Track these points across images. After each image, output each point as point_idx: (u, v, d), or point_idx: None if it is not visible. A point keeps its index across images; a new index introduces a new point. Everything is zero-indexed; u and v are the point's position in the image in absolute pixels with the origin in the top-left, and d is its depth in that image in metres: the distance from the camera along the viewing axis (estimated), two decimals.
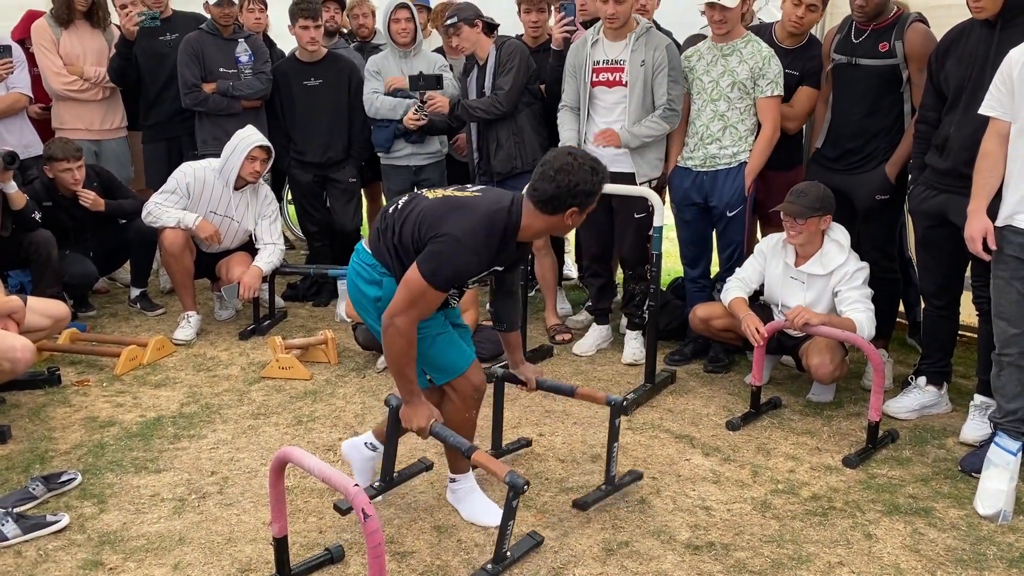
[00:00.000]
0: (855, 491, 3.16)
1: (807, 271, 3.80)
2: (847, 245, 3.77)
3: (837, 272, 3.73)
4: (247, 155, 4.61)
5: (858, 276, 3.73)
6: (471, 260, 2.59)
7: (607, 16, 4.02)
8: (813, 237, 3.75)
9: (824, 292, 3.77)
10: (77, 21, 5.21)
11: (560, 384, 3.28)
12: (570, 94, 4.28)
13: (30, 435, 3.56)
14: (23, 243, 4.58)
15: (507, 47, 4.50)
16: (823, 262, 3.77)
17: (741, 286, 3.95)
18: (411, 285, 2.58)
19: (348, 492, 2.15)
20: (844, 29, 3.93)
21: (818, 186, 3.75)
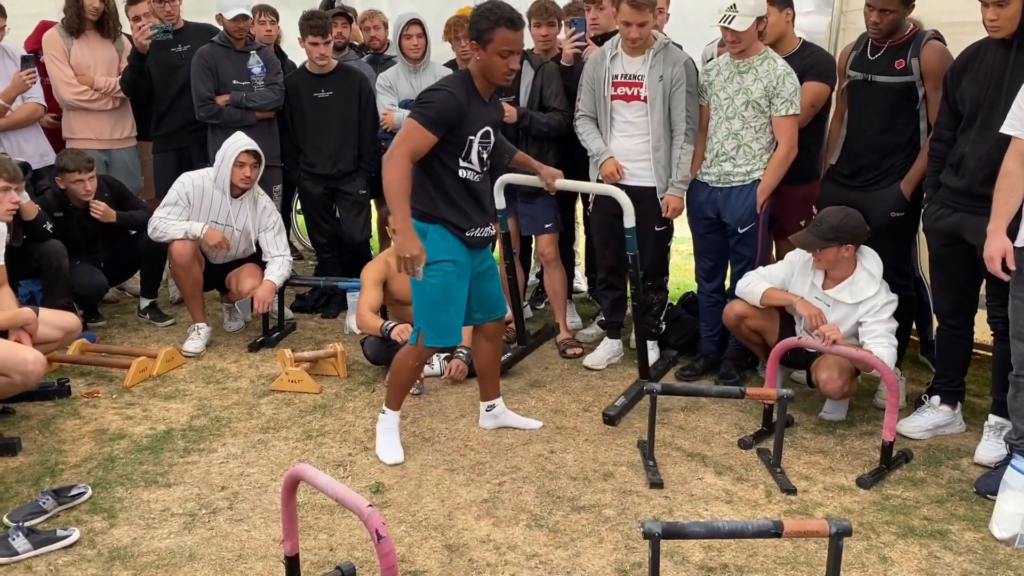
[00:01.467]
0: (869, 512, 3.13)
1: (834, 296, 3.75)
2: (879, 275, 3.71)
3: (866, 303, 3.68)
4: (235, 161, 4.61)
5: (886, 309, 3.67)
6: (448, 97, 3.19)
7: (630, 39, 4.01)
8: (838, 263, 3.71)
9: (848, 319, 3.72)
10: (88, 31, 5.24)
11: (730, 389, 3.54)
12: (587, 103, 4.29)
13: (40, 447, 3.55)
14: (34, 253, 4.58)
15: (547, 70, 4.57)
16: (852, 291, 3.71)
17: (767, 278, 3.93)
18: (406, 126, 3.18)
19: (362, 513, 2.13)
20: (860, 46, 3.92)
21: (838, 213, 3.68)
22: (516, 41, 3.19)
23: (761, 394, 3.51)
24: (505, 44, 3.16)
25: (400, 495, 3.22)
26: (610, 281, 4.56)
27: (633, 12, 3.94)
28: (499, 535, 2.94)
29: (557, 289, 4.86)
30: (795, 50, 4.15)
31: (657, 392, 3.40)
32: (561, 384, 4.33)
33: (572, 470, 3.42)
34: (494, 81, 3.29)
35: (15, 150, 4.77)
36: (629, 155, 4.21)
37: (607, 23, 4.52)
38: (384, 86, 5.07)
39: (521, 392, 4.21)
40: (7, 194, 3.60)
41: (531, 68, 4.58)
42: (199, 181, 4.72)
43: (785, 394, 3.36)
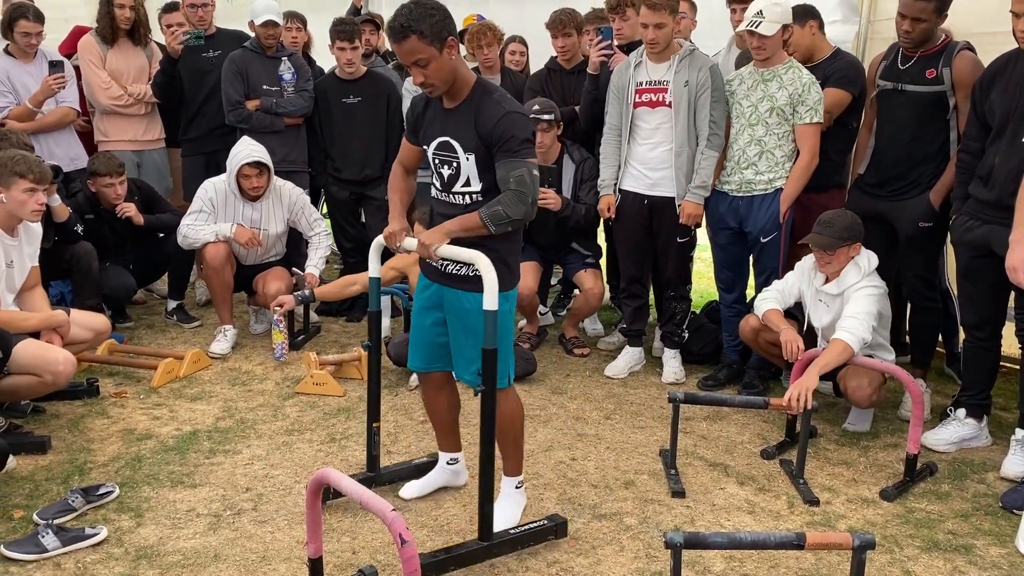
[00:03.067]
0: (893, 525, 3.11)
1: (827, 291, 3.79)
2: (867, 268, 3.72)
3: (847, 291, 3.70)
4: (238, 173, 4.66)
5: (861, 293, 3.65)
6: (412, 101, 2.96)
7: (648, 40, 4.04)
8: (843, 265, 3.72)
9: (839, 313, 3.73)
10: (120, 39, 5.33)
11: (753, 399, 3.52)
12: (614, 116, 4.30)
13: (69, 446, 3.61)
14: (65, 255, 4.66)
15: (589, 165, 4.67)
16: (839, 283, 3.75)
17: (777, 298, 3.92)
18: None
19: (385, 517, 2.16)
20: (890, 56, 3.91)
21: (844, 214, 3.73)
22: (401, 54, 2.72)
23: (785, 405, 3.50)
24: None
25: (422, 500, 3.24)
26: (632, 290, 4.57)
27: (649, 13, 3.96)
28: None
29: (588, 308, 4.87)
30: (826, 57, 4.14)
31: (681, 401, 3.41)
32: (582, 391, 4.34)
33: (593, 478, 3.43)
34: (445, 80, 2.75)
35: (46, 153, 4.85)
36: (651, 164, 4.22)
37: (631, 33, 4.53)
38: (412, 90, 5.12)
39: (542, 399, 4.22)
40: (34, 195, 3.65)
41: (572, 163, 4.72)
42: (221, 186, 4.78)
43: (813, 405, 3.35)
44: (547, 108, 4.60)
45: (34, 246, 3.92)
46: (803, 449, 3.41)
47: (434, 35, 2.63)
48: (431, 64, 2.66)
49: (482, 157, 2.74)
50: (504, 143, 2.67)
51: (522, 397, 4.03)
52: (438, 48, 2.65)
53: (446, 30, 2.66)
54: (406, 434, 3.80)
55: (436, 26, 2.63)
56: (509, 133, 2.67)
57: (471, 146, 2.74)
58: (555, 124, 4.64)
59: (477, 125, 2.71)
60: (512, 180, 2.67)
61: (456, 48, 2.71)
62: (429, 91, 2.77)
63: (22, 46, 5.00)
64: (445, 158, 2.82)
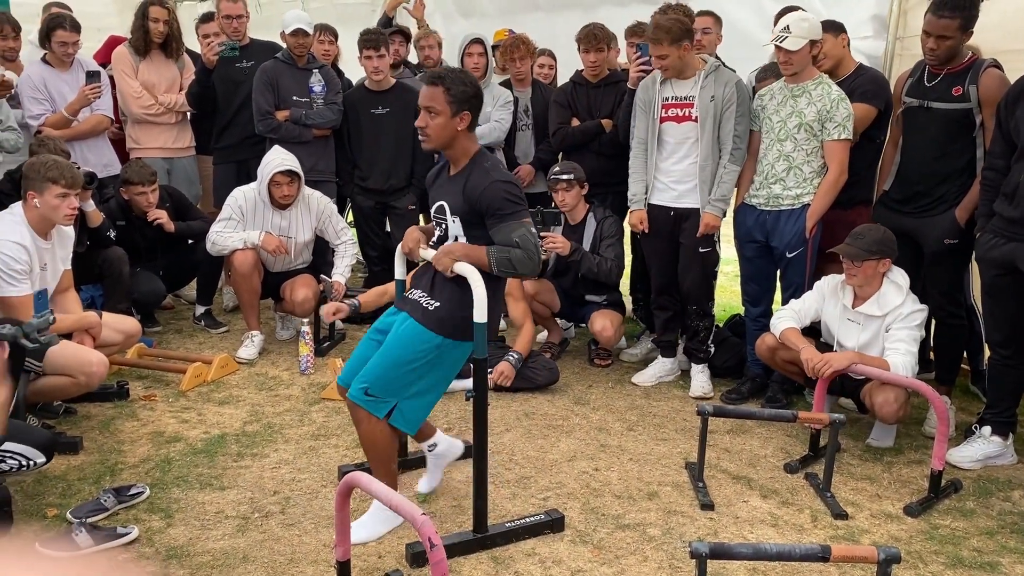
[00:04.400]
0: (917, 541, 3.11)
1: (864, 312, 3.77)
2: (906, 287, 3.73)
3: (892, 313, 3.70)
4: (270, 181, 4.73)
5: (913, 317, 3.67)
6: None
7: (660, 68, 4.12)
8: (871, 280, 3.72)
9: (879, 333, 3.73)
10: (153, 51, 5.45)
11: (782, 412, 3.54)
12: (641, 129, 4.35)
13: (100, 447, 3.67)
14: (97, 259, 4.74)
15: (609, 223, 4.76)
16: (880, 303, 3.73)
17: (794, 317, 3.93)
18: None
19: (415, 520, 2.19)
20: (916, 73, 3.92)
21: (878, 229, 3.73)
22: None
23: (813, 418, 3.51)
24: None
25: (445, 506, 3.27)
26: (661, 302, 4.59)
27: (651, 46, 4.08)
28: (544, 549, 2.98)
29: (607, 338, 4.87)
30: (849, 73, 4.16)
31: (709, 414, 3.42)
32: (605, 402, 4.36)
33: (617, 488, 3.45)
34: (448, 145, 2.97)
35: (80, 160, 4.94)
36: (677, 176, 4.26)
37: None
38: None
39: (565, 409, 4.24)
40: (66, 200, 3.73)
41: (595, 220, 4.78)
42: (251, 194, 4.85)
43: (837, 419, 3.36)
44: (567, 169, 4.75)
45: (67, 249, 4.00)
46: (830, 462, 3.42)
47: (456, 99, 2.87)
48: (438, 118, 2.89)
49: (467, 219, 2.93)
50: (495, 210, 2.85)
51: (545, 407, 4.10)
52: (452, 110, 2.88)
53: (469, 104, 2.90)
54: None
55: (462, 94, 2.88)
56: (497, 200, 2.84)
57: (457, 209, 2.94)
58: (576, 183, 4.71)
59: (465, 190, 2.89)
60: (517, 239, 2.83)
61: (467, 123, 2.92)
62: (422, 139, 2.96)
63: (59, 55, 5.11)
64: (438, 220, 3.03)
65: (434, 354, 2.93)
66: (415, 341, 2.92)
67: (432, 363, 2.94)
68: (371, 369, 2.93)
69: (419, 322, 2.94)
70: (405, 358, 2.91)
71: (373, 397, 2.89)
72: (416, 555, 2.84)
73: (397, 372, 2.90)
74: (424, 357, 2.91)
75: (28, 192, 3.72)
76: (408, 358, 2.91)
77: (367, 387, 2.90)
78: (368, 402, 2.90)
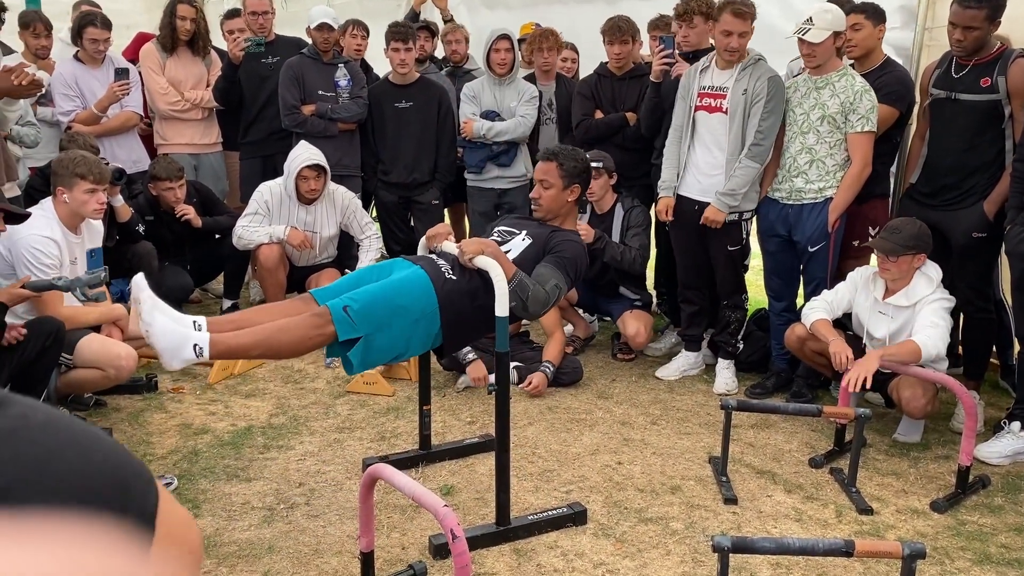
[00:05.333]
0: (944, 537, 3.08)
1: (893, 303, 3.74)
2: (937, 280, 3.69)
3: (921, 302, 3.66)
4: (298, 175, 4.75)
5: (939, 303, 3.63)
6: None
7: (728, 48, 4.04)
8: (905, 274, 3.69)
9: (908, 323, 3.69)
10: (180, 49, 5.50)
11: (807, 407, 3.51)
12: (679, 115, 4.32)
13: (130, 438, 3.73)
14: (127, 254, 4.81)
15: (635, 213, 4.75)
16: (908, 294, 3.70)
17: (826, 308, 3.90)
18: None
19: (438, 512, 2.21)
20: (943, 64, 3.87)
21: (914, 223, 3.68)
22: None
23: (838, 413, 3.48)
24: None
25: (469, 498, 3.29)
26: (687, 295, 4.58)
27: (734, 20, 3.97)
28: (566, 542, 2.99)
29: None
30: (876, 67, 4.11)
31: (733, 408, 3.41)
32: (629, 396, 4.36)
33: (639, 482, 3.45)
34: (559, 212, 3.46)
35: (109, 156, 5.02)
36: (705, 169, 4.23)
37: (698, 40, 4.55)
38: (468, 96, 5.21)
39: (588, 403, 4.25)
40: (94, 195, 3.79)
41: (622, 209, 4.77)
42: (277, 189, 4.89)
43: (863, 413, 3.33)
44: (596, 157, 4.70)
45: (95, 243, 4.06)
46: (855, 457, 3.39)
47: (568, 174, 3.34)
48: (551, 190, 3.35)
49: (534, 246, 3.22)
50: (558, 252, 3.16)
51: (568, 401, 4.11)
52: (564, 183, 3.35)
53: (579, 179, 3.37)
54: (453, 433, 3.86)
55: (574, 169, 3.35)
56: (567, 249, 3.18)
57: (534, 235, 3.27)
58: (605, 172, 4.70)
59: (553, 232, 3.28)
60: (549, 284, 3.01)
61: (576, 196, 3.37)
62: (534, 208, 3.34)
63: (90, 52, 5.19)
64: (506, 234, 3.30)
65: (422, 313, 2.86)
66: (416, 290, 2.88)
67: (414, 321, 2.84)
68: (362, 293, 2.84)
69: (430, 278, 2.91)
70: (398, 301, 2.83)
71: (348, 318, 2.74)
72: (439, 547, 2.86)
73: (384, 308, 2.79)
74: (414, 309, 2.84)
75: (57, 187, 3.79)
76: (401, 302, 2.83)
77: (350, 305, 2.76)
78: (341, 319, 2.73)
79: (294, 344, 2.77)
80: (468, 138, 5.16)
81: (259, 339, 2.73)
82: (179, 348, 2.59)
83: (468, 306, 2.94)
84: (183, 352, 2.59)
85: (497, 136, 5.10)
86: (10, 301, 3.29)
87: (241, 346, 2.72)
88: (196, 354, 2.60)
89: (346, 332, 2.73)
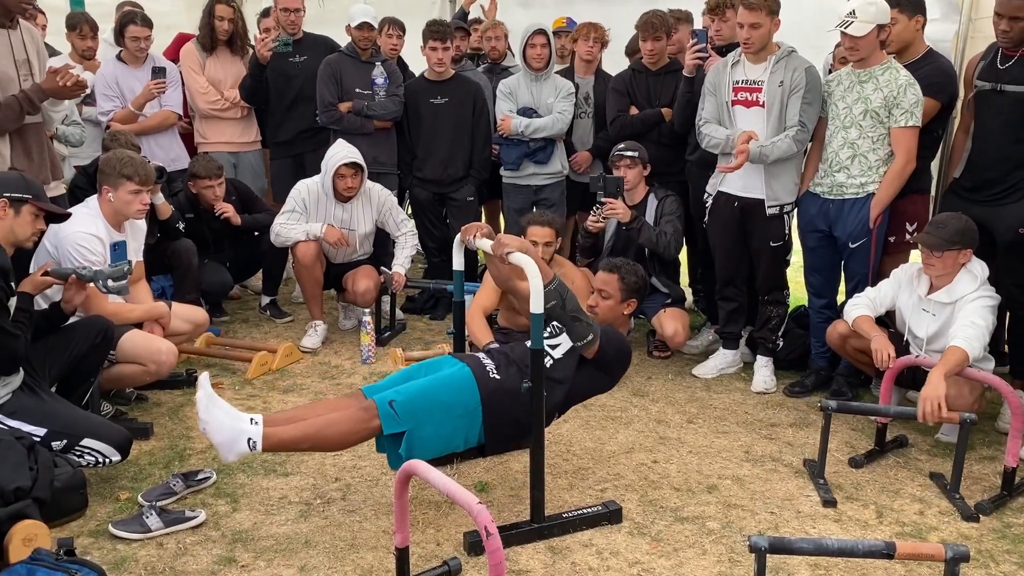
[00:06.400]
0: (988, 540, 3.02)
1: (935, 299, 3.66)
2: (982, 277, 3.61)
3: (963, 300, 3.58)
4: (335, 173, 4.77)
5: (981, 301, 3.54)
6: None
7: (743, 40, 4.02)
8: (951, 270, 3.61)
9: (949, 322, 3.61)
10: (219, 48, 5.57)
11: (907, 410, 3.44)
12: (710, 110, 4.29)
13: (170, 433, 3.79)
14: (167, 251, 4.88)
15: (669, 201, 4.73)
16: (951, 291, 3.63)
17: (869, 305, 3.83)
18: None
19: (471, 509, 2.20)
20: (988, 56, 3.79)
21: (960, 218, 3.60)
22: None
23: (942, 417, 3.32)
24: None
25: (503, 495, 3.29)
26: (726, 293, 4.53)
27: (745, 13, 3.96)
28: (601, 540, 2.97)
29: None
30: (917, 59, 4.02)
31: (833, 410, 3.37)
32: (665, 394, 4.32)
33: (675, 481, 3.42)
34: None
35: (148, 154, 5.08)
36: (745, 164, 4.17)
37: (731, 34, 4.51)
38: (504, 92, 5.21)
39: (624, 401, 4.22)
40: (139, 196, 3.85)
41: (656, 199, 4.74)
42: (314, 187, 4.93)
43: (969, 418, 3.22)
44: (632, 147, 4.71)
45: (139, 241, 4.13)
46: (960, 463, 3.27)
47: (628, 288, 3.50)
48: (609, 301, 3.49)
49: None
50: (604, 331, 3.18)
51: (603, 399, 4.09)
52: (622, 297, 3.49)
53: (638, 294, 3.54)
54: None
55: (634, 284, 3.52)
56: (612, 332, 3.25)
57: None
58: (640, 162, 4.68)
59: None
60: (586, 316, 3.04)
61: (632, 309, 3.53)
62: (591, 314, 3.31)
63: (132, 51, 5.28)
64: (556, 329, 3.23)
65: (464, 410, 2.96)
66: (460, 388, 2.98)
67: (457, 417, 2.94)
68: (407, 388, 2.97)
69: (474, 376, 3.00)
70: (442, 397, 2.94)
71: (392, 412, 2.87)
72: (474, 543, 2.87)
73: (428, 403, 2.91)
74: (457, 405, 2.94)
75: (103, 186, 3.85)
76: (444, 398, 2.94)
77: (395, 400, 2.89)
78: (387, 413, 2.86)
79: (342, 437, 2.90)
80: (505, 135, 5.16)
81: (308, 433, 2.87)
82: (234, 442, 2.77)
83: (511, 405, 2.97)
84: (237, 446, 2.78)
85: (535, 133, 5.09)
86: (35, 289, 3.36)
87: (292, 439, 2.86)
88: (250, 448, 2.78)
89: (391, 426, 2.86)
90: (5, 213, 3.15)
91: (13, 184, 3.20)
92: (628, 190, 4.70)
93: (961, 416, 3.25)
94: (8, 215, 3.16)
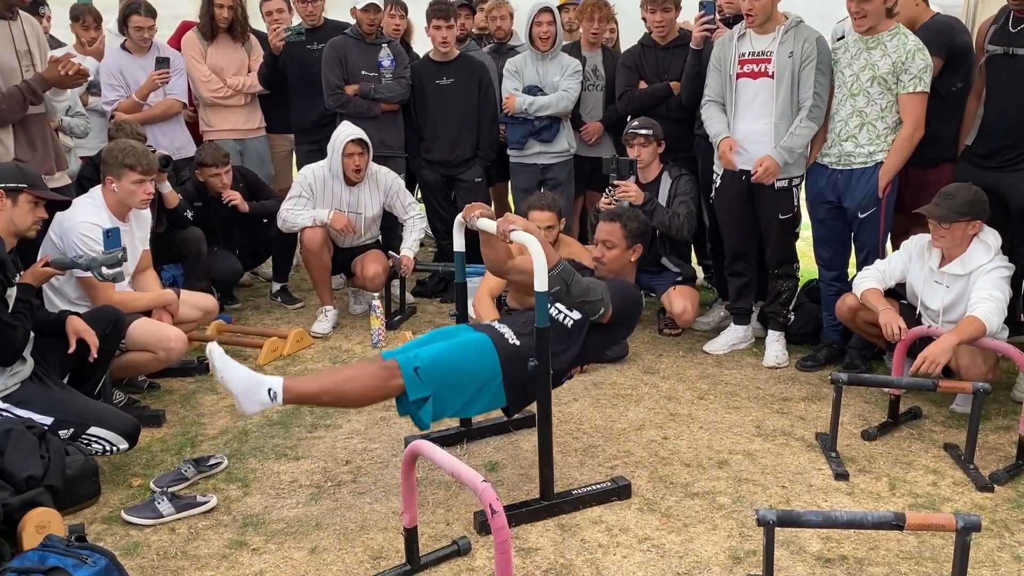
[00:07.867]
0: (1003, 510, 2.98)
1: (948, 271, 3.61)
2: (995, 247, 3.56)
3: (977, 271, 3.53)
4: (343, 152, 4.75)
5: (996, 272, 3.50)
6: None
7: (744, 11, 3.97)
8: (960, 241, 3.55)
9: (964, 293, 3.56)
10: (220, 36, 5.56)
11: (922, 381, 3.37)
12: (714, 87, 4.23)
13: (182, 419, 3.81)
14: (176, 240, 4.89)
15: (684, 181, 4.68)
16: (964, 262, 3.57)
17: (878, 278, 3.79)
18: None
19: (476, 487, 2.20)
20: (1000, 19, 3.71)
21: (969, 188, 3.54)
22: None
23: (955, 387, 3.34)
24: None
25: (513, 474, 3.29)
26: (736, 268, 4.48)
27: None
28: (611, 517, 2.97)
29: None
30: (922, 24, 3.95)
31: (844, 383, 3.34)
32: (675, 371, 4.30)
33: (686, 456, 3.40)
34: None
35: (153, 143, 5.07)
36: (751, 138, 4.13)
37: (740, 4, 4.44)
38: (511, 71, 5.18)
39: (634, 379, 4.20)
40: (142, 185, 3.85)
41: (670, 178, 4.69)
42: (320, 172, 4.91)
43: (981, 387, 3.20)
44: (646, 124, 4.66)
45: (144, 231, 4.14)
46: (973, 433, 3.24)
47: (631, 234, 3.48)
48: (614, 250, 3.46)
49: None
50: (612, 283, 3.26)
51: (613, 377, 4.07)
52: (627, 244, 3.48)
53: (642, 239, 3.52)
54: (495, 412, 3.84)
55: (636, 230, 3.50)
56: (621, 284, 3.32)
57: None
58: (654, 140, 4.63)
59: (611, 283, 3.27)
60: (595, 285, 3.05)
61: (638, 255, 3.52)
62: (597, 267, 3.42)
63: (136, 40, 5.27)
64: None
65: (485, 377, 2.96)
66: (479, 355, 2.98)
67: (479, 383, 2.96)
68: (429, 352, 2.95)
69: (494, 344, 3.00)
70: (463, 364, 2.94)
71: (417, 377, 2.87)
72: (483, 523, 2.87)
73: (450, 370, 2.92)
74: (478, 372, 2.95)
75: (107, 176, 3.86)
76: (466, 365, 2.94)
77: (419, 366, 2.89)
78: (411, 378, 2.87)
79: (362, 392, 2.90)
80: (510, 113, 5.13)
81: (328, 387, 2.89)
82: (254, 391, 2.76)
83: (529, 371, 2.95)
84: (257, 395, 2.76)
85: (539, 111, 5.06)
86: (36, 281, 3.38)
87: (312, 391, 2.88)
88: (271, 398, 2.76)
89: (416, 391, 2.87)
90: (3, 203, 3.16)
91: (8, 174, 3.21)
92: (642, 168, 4.66)
93: (975, 386, 3.21)
94: (6, 205, 3.17)
